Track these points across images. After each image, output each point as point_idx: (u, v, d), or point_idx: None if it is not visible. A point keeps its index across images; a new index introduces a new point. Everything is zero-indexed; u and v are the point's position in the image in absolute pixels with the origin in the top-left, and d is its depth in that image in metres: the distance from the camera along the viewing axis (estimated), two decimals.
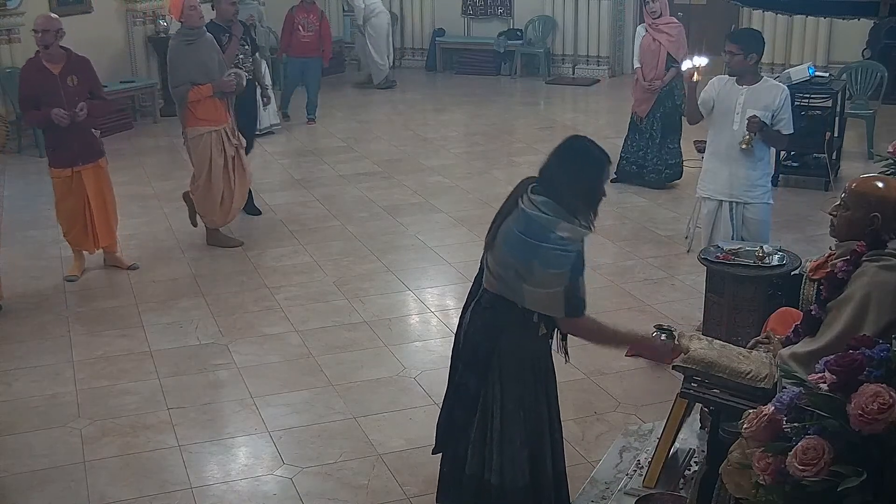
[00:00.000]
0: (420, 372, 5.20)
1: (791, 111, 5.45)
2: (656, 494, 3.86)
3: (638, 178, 8.52)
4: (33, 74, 6.23)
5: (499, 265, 3.41)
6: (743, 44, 5.36)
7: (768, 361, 3.52)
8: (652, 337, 3.65)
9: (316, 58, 11.17)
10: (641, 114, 8.41)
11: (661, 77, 8.21)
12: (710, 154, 5.64)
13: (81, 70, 6.32)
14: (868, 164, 8.75)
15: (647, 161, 8.47)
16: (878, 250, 3.15)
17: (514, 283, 3.36)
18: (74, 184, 6.42)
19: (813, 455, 2.18)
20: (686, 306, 5.98)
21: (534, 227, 3.31)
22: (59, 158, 6.38)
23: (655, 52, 8.19)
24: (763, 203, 5.51)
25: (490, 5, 14.50)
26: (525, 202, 3.37)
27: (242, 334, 5.70)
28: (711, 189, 5.60)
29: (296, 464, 4.35)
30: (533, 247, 3.30)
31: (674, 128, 8.45)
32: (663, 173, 8.48)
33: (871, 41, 11.55)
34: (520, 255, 3.34)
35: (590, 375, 5.12)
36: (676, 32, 8.22)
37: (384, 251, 7.04)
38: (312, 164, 9.61)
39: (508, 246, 3.37)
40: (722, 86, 5.48)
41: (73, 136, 6.26)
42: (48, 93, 6.16)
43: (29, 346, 5.57)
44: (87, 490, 4.17)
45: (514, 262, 3.35)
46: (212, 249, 7.11)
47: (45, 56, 6.22)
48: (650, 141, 8.43)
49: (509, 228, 3.38)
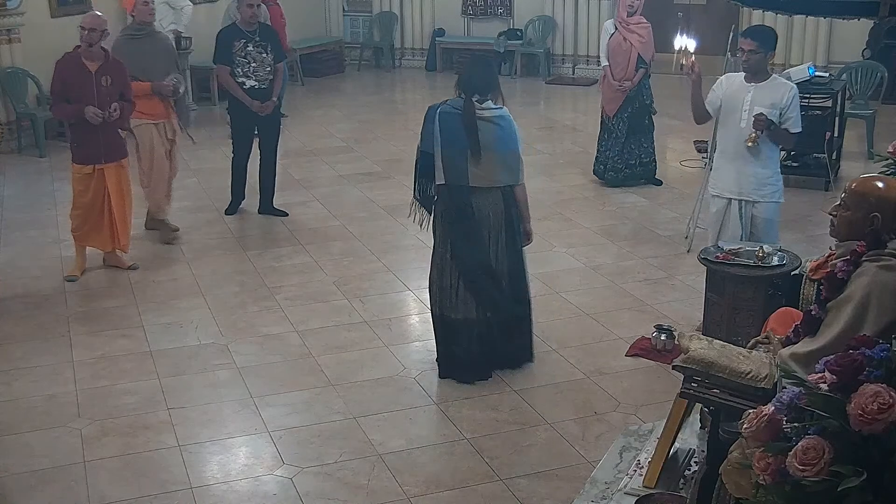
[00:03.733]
0: (420, 372, 5.20)
1: (799, 110, 5.38)
2: (656, 494, 3.86)
3: (603, 177, 8.55)
4: (70, 69, 6.29)
5: (495, 161, 4.86)
6: (761, 41, 5.28)
7: (768, 361, 3.52)
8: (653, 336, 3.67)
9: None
10: (610, 113, 8.43)
11: (630, 77, 8.21)
12: (719, 152, 5.61)
13: (116, 72, 6.40)
14: (868, 164, 8.75)
15: (609, 160, 8.49)
16: (878, 250, 3.15)
17: (513, 163, 4.94)
18: (95, 181, 6.45)
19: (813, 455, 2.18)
20: (686, 306, 5.98)
21: (503, 123, 4.89)
22: (82, 155, 6.43)
23: (626, 53, 8.19)
24: (772, 202, 5.45)
25: (490, 5, 14.50)
26: (483, 114, 4.84)
27: (242, 334, 5.70)
28: (720, 187, 5.56)
29: (296, 464, 4.35)
30: (512, 133, 4.90)
31: (642, 128, 8.45)
32: (622, 172, 8.48)
33: (871, 41, 11.55)
34: (509, 146, 4.89)
35: (590, 375, 5.12)
36: (647, 33, 8.23)
37: (384, 251, 7.04)
38: (312, 164, 9.62)
39: (502, 142, 4.86)
40: (730, 83, 5.44)
41: (100, 134, 6.33)
42: (82, 89, 6.24)
43: (29, 346, 5.57)
44: (87, 490, 4.17)
45: (507, 153, 4.90)
46: (212, 249, 7.11)
47: (86, 53, 6.29)
48: (616, 140, 8.44)
49: (491, 137, 4.84)
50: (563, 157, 9.74)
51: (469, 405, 4.84)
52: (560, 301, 6.08)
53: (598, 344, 5.50)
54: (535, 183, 8.37)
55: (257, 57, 7.44)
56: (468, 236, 4.94)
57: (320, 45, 14.49)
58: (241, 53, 7.39)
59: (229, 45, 7.40)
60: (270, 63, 7.50)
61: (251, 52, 7.41)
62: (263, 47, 7.46)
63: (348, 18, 15.51)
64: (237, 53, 7.38)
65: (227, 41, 7.42)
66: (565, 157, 9.79)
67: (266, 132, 7.81)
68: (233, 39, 7.41)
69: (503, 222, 4.98)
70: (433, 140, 4.89)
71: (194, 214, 7.94)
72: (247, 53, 7.41)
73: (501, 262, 5.03)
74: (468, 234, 4.94)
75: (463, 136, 4.83)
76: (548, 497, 4.08)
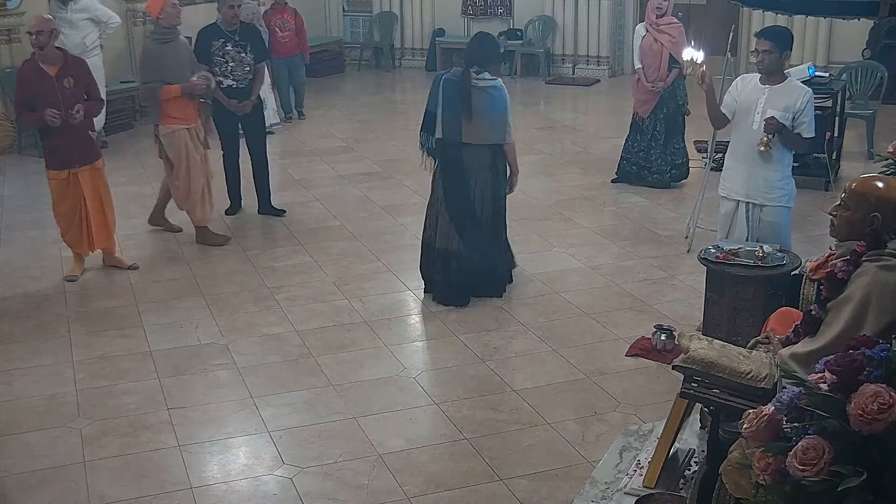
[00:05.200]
0: (420, 372, 5.21)
1: (813, 114, 5.28)
2: (656, 494, 3.86)
3: (639, 179, 8.52)
4: (30, 76, 6.21)
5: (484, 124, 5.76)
6: (776, 41, 5.21)
7: (768, 361, 3.52)
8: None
9: (298, 56, 11.28)
10: (643, 114, 8.41)
11: (663, 78, 8.22)
12: (730, 153, 5.53)
13: (78, 72, 6.32)
14: (868, 164, 8.76)
15: (651, 162, 8.47)
16: (878, 250, 3.15)
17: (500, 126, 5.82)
18: (71, 185, 6.41)
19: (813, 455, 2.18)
20: (686, 306, 5.98)
21: (494, 92, 5.77)
22: (55, 160, 6.37)
23: (657, 53, 8.19)
24: (781, 206, 5.36)
25: (490, 5, 14.51)
26: (478, 84, 5.74)
27: (242, 334, 5.70)
28: (728, 188, 5.50)
29: (296, 464, 4.35)
30: (502, 100, 5.79)
31: (677, 128, 8.46)
32: (667, 174, 8.48)
33: (871, 41, 11.55)
34: (498, 110, 5.79)
35: (590, 375, 5.12)
36: (678, 33, 8.22)
37: (384, 251, 7.04)
38: (312, 164, 9.62)
39: (492, 108, 5.76)
40: (745, 85, 5.38)
41: (69, 138, 6.26)
42: (45, 95, 6.14)
43: (29, 346, 5.57)
44: (87, 490, 4.17)
45: (496, 117, 5.78)
46: (211, 249, 7.11)
47: (41, 57, 6.19)
48: (653, 141, 8.43)
49: (483, 104, 5.74)
50: (563, 157, 9.74)
51: (469, 405, 4.84)
52: (560, 301, 6.08)
53: (598, 344, 5.50)
54: (535, 183, 8.39)
55: (236, 56, 7.45)
56: (456, 183, 5.91)
57: (320, 45, 14.47)
58: (220, 53, 7.40)
59: (208, 44, 7.42)
60: (250, 63, 7.52)
61: (230, 52, 7.42)
62: (243, 47, 7.47)
63: (348, 18, 15.52)
64: (215, 53, 7.39)
65: (206, 41, 7.45)
66: (565, 157, 9.79)
67: (250, 132, 7.82)
68: (211, 39, 7.43)
69: (489, 176, 5.92)
70: (436, 102, 5.85)
71: None
72: (225, 53, 7.41)
73: (486, 208, 5.95)
74: (457, 181, 5.90)
75: (459, 100, 5.73)
76: (548, 497, 4.08)
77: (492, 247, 6.03)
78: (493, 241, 6.04)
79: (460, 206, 5.91)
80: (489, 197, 5.93)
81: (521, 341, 5.56)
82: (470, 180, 5.88)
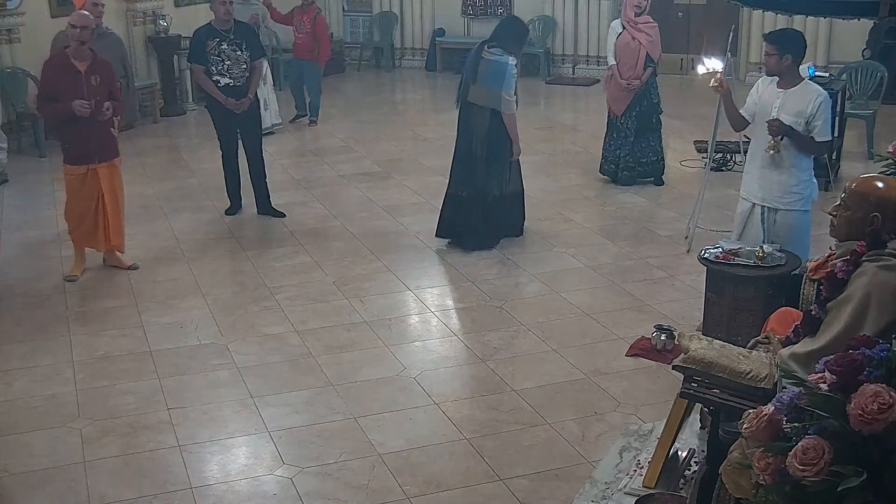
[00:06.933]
0: (420, 372, 5.21)
1: (828, 117, 5.21)
2: (656, 494, 3.86)
3: (614, 177, 8.54)
4: (59, 70, 6.26)
5: (482, 90, 6.75)
6: (778, 44, 5.18)
7: (768, 361, 3.52)
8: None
9: (311, 60, 11.03)
10: (617, 112, 8.42)
11: (639, 76, 8.22)
12: (749, 156, 5.54)
13: (104, 71, 6.39)
14: (868, 164, 8.75)
15: (621, 159, 8.49)
16: (878, 250, 3.15)
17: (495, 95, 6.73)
18: (88, 182, 6.43)
19: (813, 455, 2.18)
20: (686, 306, 5.98)
21: (497, 67, 6.71)
22: (75, 155, 6.40)
23: (634, 52, 8.19)
24: (796, 210, 5.31)
25: (490, 5, 14.50)
26: (487, 56, 6.74)
27: (242, 334, 5.70)
28: (745, 191, 5.49)
29: (296, 464, 4.35)
30: (500, 74, 6.70)
31: (650, 126, 8.46)
32: (635, 170, 8.49)
33: (871, 41, 11.54)
34: (495, 82, 6.71)
35: (590, 375, 5.12)
36: (654, 32, 8.24)
37: (384, 251, 7.04)
38: (312, 164, 9.62)
39: (489, 78, 6.72)
40: (764, 88, 5.37)
41: (92, 134, 6.30)
42: (72, 89, 6.20)
43: (29, 346, 5.57)
44: (87, 490, 4.17)
45: (491, 87, 6.72)
46: (212, 249, 7.11)
47: (74, 53, 6.26)
48: (625, 139, 8.44)
49: (485, 73, 6.73)
50: (563, 157, 9.74)
51: (469, 405, 4.84)
52: (560, 301, 6.08)
53: (598, 344, 5.50)
54: (535, 183, 8.39)
55: (231, 55, 7.48)
56: (462, 132, 7.02)
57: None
58: (215, 52, 7.43)
59: (203, 44, 7.45)
60: (246, 61, 7.54)
61: (225, 51, 7.45)
62: (238, 45, 7.50)
63: (348, 18, 15.52)
64: (211, 52, 7.42)
65: (201, 41, 7.48)
66: (565, 157, 9.79)
67: (246, 131, 7.80)
68: (206, 38, 7.46)
69: (486, 133, 6.85)
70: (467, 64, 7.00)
71: (194, 214, 7.95)
72: (220, 52, 7.44)
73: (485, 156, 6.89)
74: (462, 130, 7.01)
75: (471, 66, 6.84)
76: (548, 497, 4.08)
77: (492, 189, 6.94)
78: (493, 186, 6.94)
79: (462, 148, 6.99)
80: (489, 149, 6.86)
81: (521, 341, 5.56)
82: (472, 133, 6.88)
